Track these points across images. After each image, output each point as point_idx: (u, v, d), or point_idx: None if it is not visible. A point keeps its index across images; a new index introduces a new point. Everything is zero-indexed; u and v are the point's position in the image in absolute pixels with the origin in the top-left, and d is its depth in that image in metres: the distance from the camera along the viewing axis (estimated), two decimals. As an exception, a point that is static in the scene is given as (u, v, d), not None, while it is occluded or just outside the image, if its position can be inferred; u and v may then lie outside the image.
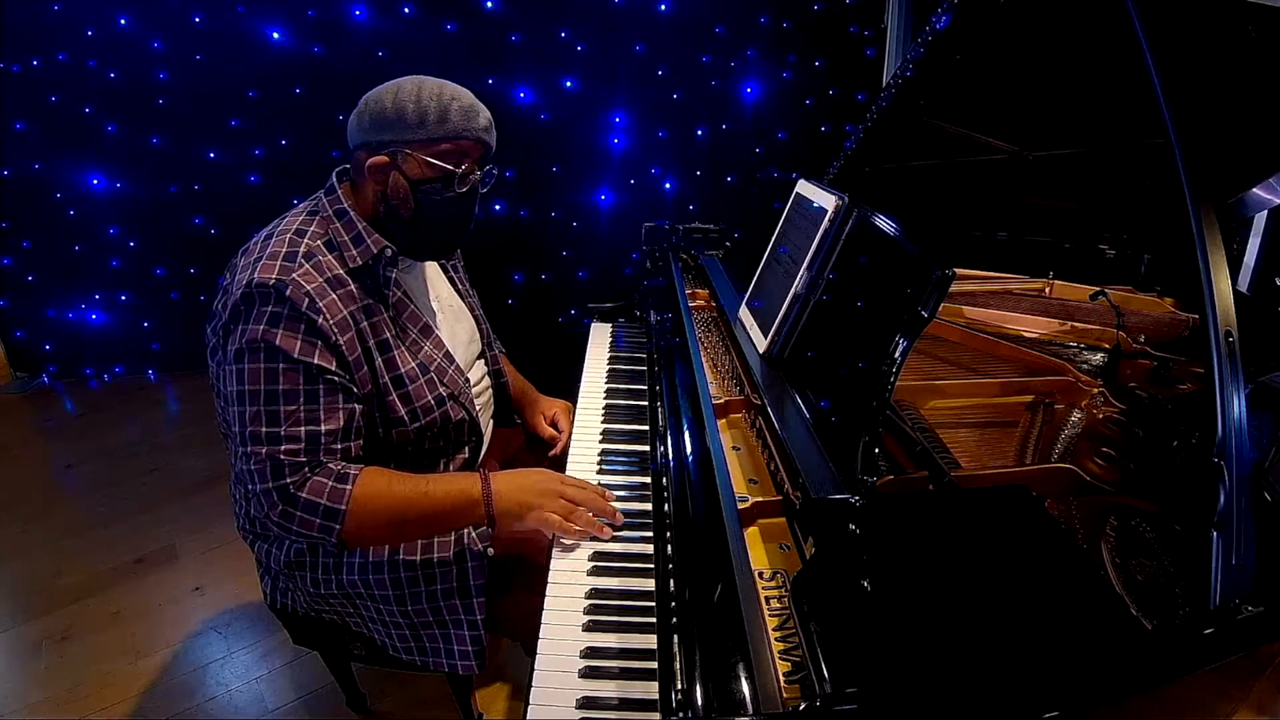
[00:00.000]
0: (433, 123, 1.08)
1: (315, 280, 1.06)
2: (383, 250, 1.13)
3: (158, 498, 2.43)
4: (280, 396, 1.04)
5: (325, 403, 1.07)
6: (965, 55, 1.35)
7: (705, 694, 0.72)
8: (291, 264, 1.06)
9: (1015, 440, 1.15)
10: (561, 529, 1.08)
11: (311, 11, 2.72)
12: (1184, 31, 0.98)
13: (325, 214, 1.14)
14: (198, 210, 2.99)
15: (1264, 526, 0.80)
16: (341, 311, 1.08)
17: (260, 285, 1.03)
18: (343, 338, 1.07)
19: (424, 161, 1.10)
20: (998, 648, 0.67)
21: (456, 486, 1.13)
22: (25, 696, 1.72)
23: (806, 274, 1.18)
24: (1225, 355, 0.83)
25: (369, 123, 1.10)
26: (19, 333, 3.12)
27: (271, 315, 1.03)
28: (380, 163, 1.10)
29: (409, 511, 1.10)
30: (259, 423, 1.04)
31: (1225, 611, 0.74)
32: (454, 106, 1.09)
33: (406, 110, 1.08)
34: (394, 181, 1.11)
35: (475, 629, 1.16)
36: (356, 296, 1.11)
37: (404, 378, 1.15)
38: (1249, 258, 1.85)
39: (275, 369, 1.04)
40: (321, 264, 1.08)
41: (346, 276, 1.10)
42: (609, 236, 3.14)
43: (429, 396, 1.18)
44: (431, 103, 1.08)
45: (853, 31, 2.96)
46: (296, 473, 1.05)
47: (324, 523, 1.06)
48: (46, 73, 2.73)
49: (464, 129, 1.10)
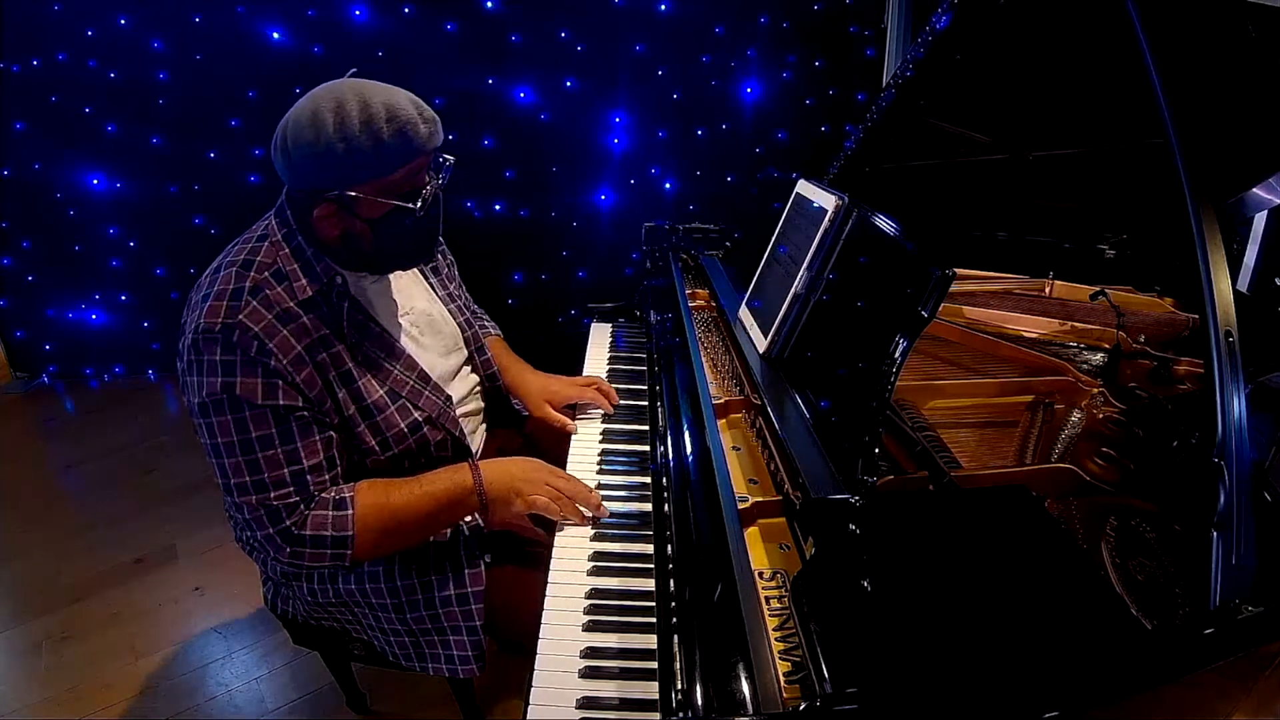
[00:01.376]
0: (370, 158, 0.98)
1: (263, 318, 1.00)
2: (332, 279, 1.07)
3: (158, 498, 2.43)
4: (255, 444, 1.00)
5: (302, 441, 1.03)
6: (965, 55, 1.35)
7: (705, 694, 0.72)
8: (237, 303, 0.99)
9: (1015, 440, 1.15)
10: (547, 511, 1.11)
11: (311, 11, 2.71)
12: (1184, 31, 0.98)
13: (275, 238, 1.07)
14: (198, 210, 2.99)
15: (1264, 526, 0.80)
16: (295, 348, 1.02)
17: (206, 331, 0.98)
18: (299, 375, 1.02)
19: (374, 201, 1.02)
20: (998, 648, 0.67)
21: (451, 481, 1.12)
22: (25, 696, 1.72)
23: (806, 274, 1.18)
24: (1225, 355, 0.83)
25: (299, 163, 0.99)
26: (19, 333, 3.12)
27: (224, 364, 0.98)
28: (327, 212, 1.02)
29: (411, 515, 1.10)
30: (242, 474, 1.01)
31: (1225, 611, 0.74)
32: (386, 131, 0.97)
33: (335, 148, 0.96)
34: (347, 225, 1.04)
35: (475, 634, 1.16)
36: (310, 329, 1.04)
37: (371, 408, 1.10)
38: (1249, 258, 1.85)
39: (243, 418, 0.99)
40: (269, 298, 1.01)
41: (297, 309, 1.03)
42: (609, 236, 3.14)
43: (402, 424, 1.14)
44: (360, 134, 0.96)
45: (853, 31, 2.96)
46: (293, 513, 1.03)
47: (335, 551, 1.05)
48: (46, 73, 2.73)
49: (407, 151, 1.00)
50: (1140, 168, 1.36)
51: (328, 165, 0.98)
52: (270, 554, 1.05)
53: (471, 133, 2.89)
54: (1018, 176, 1.57)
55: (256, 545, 1.08)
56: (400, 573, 1.15)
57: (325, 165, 0.98)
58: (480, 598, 1.16)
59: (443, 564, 1.16)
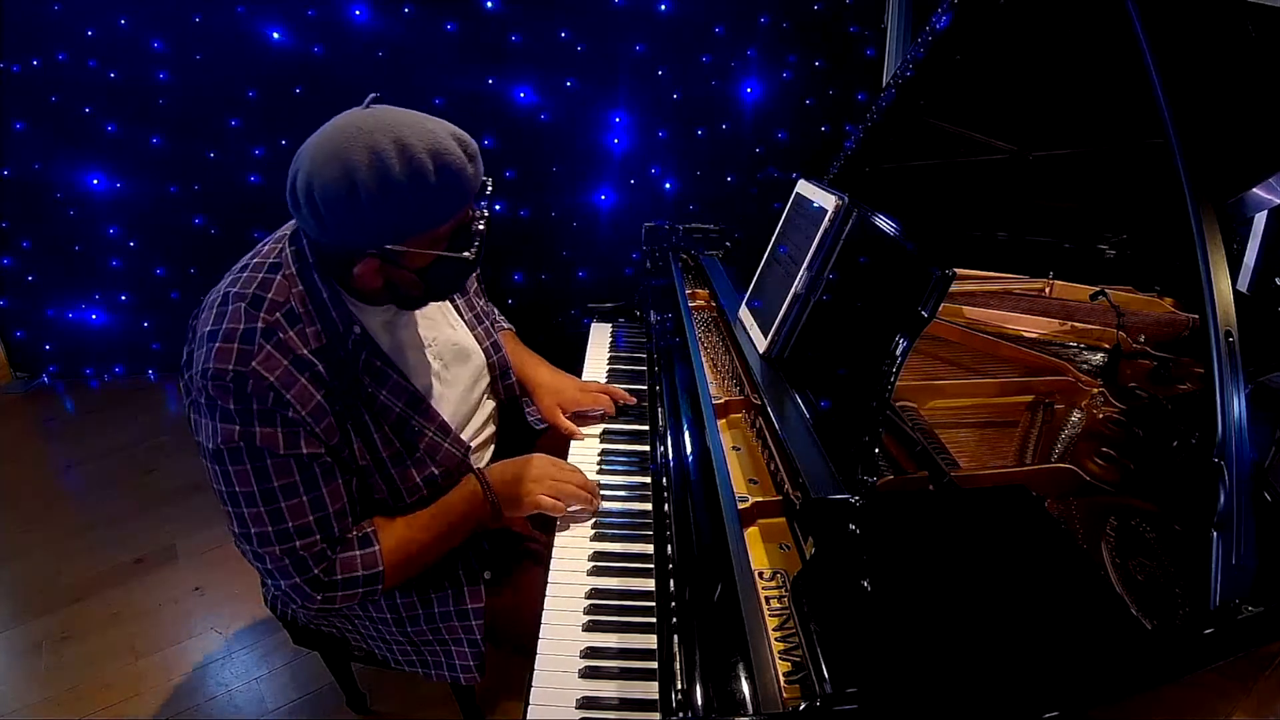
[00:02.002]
0: (415, 210, 0.89)
1: (278, 365, 0.92)
2: (349, 328, 1.00)
3: (158, 498, 2.43)
4: (279, 494, 0.95)
5: (327, 488, 0.98)
6: (965, 55, 1.35)
7: (705, 694, 0.72)
8: (250, 347, 0.92)
9: (1015, 440, 1.15)
10: (553, 510, 1.11)
11: (311, 11, 2.71)
12: (1184, 31, 0.98)
13: (288, 271, 0.98)
14: (198, 210, 2.99)
15: (1264, 526, 0.80)
16: (314, 397, 0.95)
17: (217, 377, 0.90)
18: (320, 425, 0.96)
19: (425, 249, 0.94)
20: (998, 648, 0.67)
21: (463, 498, 1.12)
22: (25, 696, 1.72)
23: (806, 274, 1.18)
24: (1225, 355, 0.83)
25: (334, 224, 0.89)
26: (19, 333, 3.12)
27: (240, 413, 0.91)
28: (370, 269, 0.94)
29: (432, 538, 1.08)
30: (264, 524, 0.96)
31: (1225, 611, 0.74)
32: (433, 180, 0.88)
33: (381, 208, 0.87)
34: (393, 276, 0.97)
35: (475, 645, 1.15)
36: (325, 377, 0.97)
37: (386, 462, 1.05)
38: (1249, 258, 1.85)
39: (264, 466, 0.93)
40: (284, 343, 0.94)
41: (311, 357, 0.95)
42: (609, 236, 3.14)
43: (418, 478, 1.09)
44: (405, 185, 0.87)
45: (853, 31, 2.96)
46: (322, 561, 0.99)
47: (367, 589, 1.03)
48: (46, 73, 2.73)
49: (456, 200, 0.93)
50: (1140, 168, 1.36)
51: (368, 223, 0.89)
52: (299, 603, 1.01)
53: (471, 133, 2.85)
54: (1018, 176, 1.57)
55: (280, 594, 1.04)
56: (400, 590, 1.13)
57: (365, 224, 0.89)
58: (480, 614, 1.15)
59: (442, 582, 1.15)
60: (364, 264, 0.94)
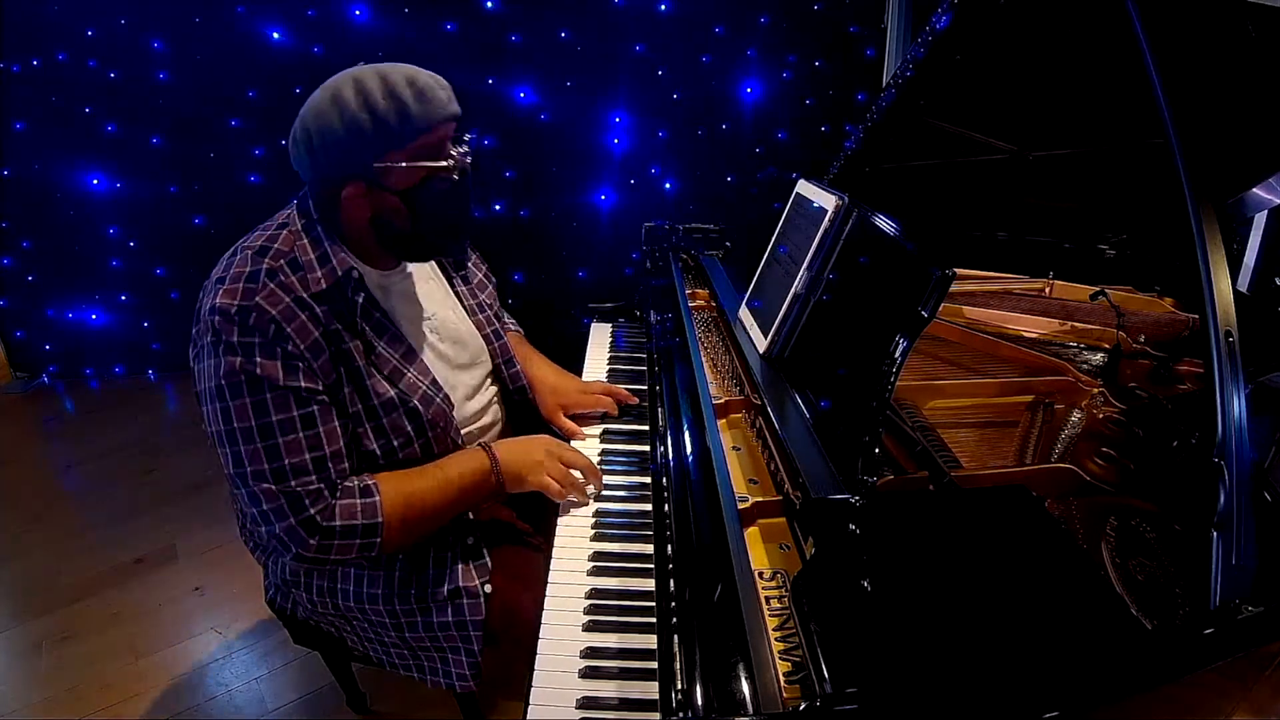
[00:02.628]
0: (396, 125, 0.97)
1: (280, 301, 0.98)
2: (348, 272, 1.04)
3: (158, 498, 2.43)
4: (276, 428, 0.97)
5: (324, 426, 1.01)
6: (965, 55, 1.35)
7: (705, 694, 0.72)
8: (255, 285, 0.98)
9: (1015, 440, 1.15)
10: (558, 495, 1.14)
11: (311, 11, 2.71)
12: (1184, 31, 0.98)
13: (294, 227, 1.05)
14: (198, 210, 2.99)
15: (1264, 526, 0.80)
16: (313, 334, 1.00)
17: (223, 311, 0.96)
18: (317, 361, 1.00)
19: (405, 169, 1.00)
20: (998, 648, 0.67)
21: (469, 466, 1.13)
22: (25, 696, 1.72)
23: (806, 274, 1.18)
24: (1225, 355, 0.83)
25: (324, 153, 0.99)
26: (19, 333, 3.12)
27: (243, 345, 0.96)
28: (357, 192, 1.01)
29: (434, 501, 1.09)
30: (260, 460, 0.97)
31: (1225, 611, 0.74)
32: (409, 96, 0.98)
33: (361, 125, 0.96)
34: (379, 202, 1.03)
35: (473, 656, 1.15)
36: (323, 320, 1.02)
37: (378, 409, 1.07)
38: (1249, 258, 1.85)
39: (264, 400, 0.97)
40: (286, 284, 1.00)
41: (311, 300, 1.01)
42: (609, 236, 3.14)
43: (408, 427, 1.10)
44: (384, 103, 0.96)
45: (853, 31, 2.96)
46: (318, 501, 1.00)
47: (364, 541, 1.03)
48: (46, 73, 2.73)
49: (432, 116, 1.00)
50: (1140, 168, 1.36)
51: (355, 142, 0.97)
52: (293, 549, 1.01)
53: (471, 133, 2.88)
54: (1018, 176, 1.57)
55: (276, 541, 1.02)
56: (399, 597, 1.13)
57: (353, 143, 0.98)
58: (479, 625, 1.14)
59: (441, 590, 1.14)
60: (351, 187, 1.00)
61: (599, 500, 1.18)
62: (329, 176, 1.02)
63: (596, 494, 1.17)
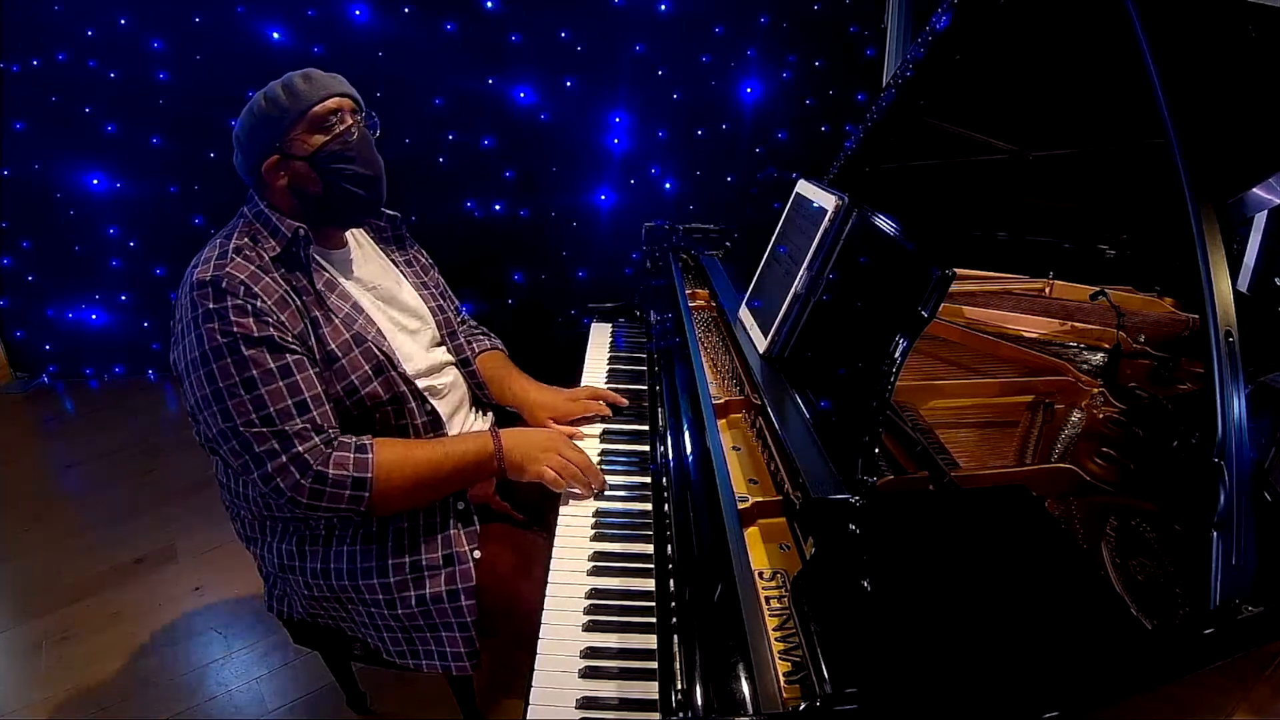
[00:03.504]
0: (288, 104, 1.15)
1: (247, 269, 1.10)
2: (295, 231, 1.16)
3: (158, 498, 2.43)
4: (258, 381, 1.07)
5: (300, 374, 1.10)
6: (965, 55, 1.35)
7: (705, 694, 0.72)
8: (224, 260, 1.10)
9: (1015, 440, 1.15)
10: (554, 484, 1.18)
11: (311, 11, 2.72)
12: (1184, 31, 0.98)
13: (247, 218, 1.19)
14: (198, 210, 2.99)
15: (1264, 526, 0.80)
16: (277, 291, 1.12)
17: (199, 284, 1.08)
18: (283, 314, 1.11)
19: (304, 136, 1.16)
20: (998, 648, 0.67)
21: (473, 445, 1.20)
22: (25, 696, 1.72)
23: (806, 274, 1.18)
24: (1225, 355, 0.83)
25: (247, 140, 1.17)
26: (19, 333, 3.13)
27: (218, 311, 1.06)
28: (272, 163, 1.17)
29: (430, 471, 1.15)
30: (247, 410, 1.06)
31: (1225, 611, 0.74)
32: (298, 83, 1.16)
33: (264, 109, 1.15)
34: (292, 169, 1.18)
35: (466, 630, 1.17)
36: (284, 279, 1.15)
37: (335, 352, 1.17)
38: (1249, 258, 1.85)
39: (243, 358, 1.06)
40: (249, 255, 1.13)
41: (270, 264, 1.14)
42: (609, 236, 3.14)
43: (366, 366, 1.19)
44: (279, 92, 1.15)
45: (853, 31, 2.96)
46: (306, 440, 1.08)
47: (353, 493, 1.09)
48: (46, 73, 2.73)
49: (318, 92, 1.16)
50: (1140, 168, 1.36)
51: (262, 125, 1.16)
52: (286, 491, 1.07)
53: (472, 132, 2.89)
54: (1018, 176, 1.57)
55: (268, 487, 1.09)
56: (394, 568, 1.17)
57: (261, 127, 1.16)
58: (471, 594, 1.17)
59: (434, 559, 1.18)
60: (268, 162, 1.17)
61: (599, 500, 1.18)
62: (255, 163, 1.18)
63: (598, 491, 1.19)
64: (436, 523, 1.21)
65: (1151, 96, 0.92)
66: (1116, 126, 1.35)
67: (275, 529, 1.23)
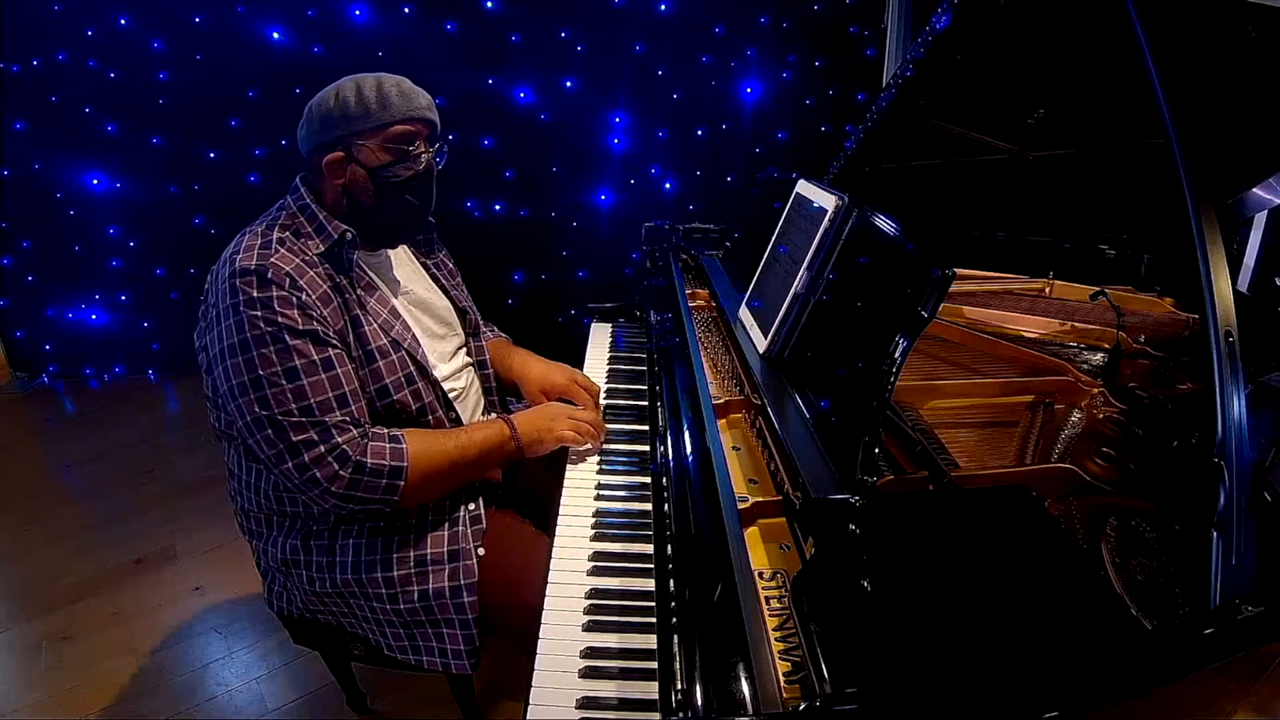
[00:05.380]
0: (375, 110, 1.14)
1: (292, 260, 1.10)
2: (343, 234, 1.16)
3: (158, 498, 2.43)
4: (300, 372, 1.07)
5: (341, 368, 1.11)
6: (965, 55, 1.35)
7: (705, 694, 0.72)
8: (268, 250, 1.10)
9: (1015, 440, 1.15)
10: (574, 442, 1.27)
11: (311, 11, 2.71)
12: (1184, 31, 0.98)
13: (290, 210, 1.19)
14: (198, 210, 2.99)
15: (1264, 526, 0.80)
16: (321, 286, 1.12)
17: (243, 272, 1.07)
18: (326, 310, 1.12)
19: (377, 148, 1.15)
20: (998, 648, 0.67)
21: (490, 432, 1.23)
22: (25, 696, 1.72)
23: (806, 274, 1.18)
24: (1225, 355, 0.83)
25: (318, 125, 1.16)
26: (19, 333, 3.12)
27: (262, 300, 1.06)
28: (336, 159, 1.16)
29: (457, 459, 1.18)
30: (288, 400, 1.06)
31: (1225, 611, 0.74)
32: (393, 92, 1.15)
33: (349, 105, 1.13)
34: (352, 173, 1.17)
35: (467, 628, 1.17)
36: (327, 276, 1.15)
37: (375, 353, 1.18)
38: (1249, 258, 1.85)
39: (286, 347, 1.06)
40: (293, 248, 1.13)
41: (315, 259, 1.15)
42: (609, 236, 3.14)
43: (400, 373, 1.21)
44: (371, 93, 1.14)
45: (853, 31, 2.96)
46: (345, 432, 1.09)
47: (389, 482, 1.11)
48: (46, 73, 2.73)
49: (407, 110, 1.15)
50: (1140, 168, 1.36)
51: (341, 117, 1.14)
52: (322, 481, 1.07)
53: (472, 132, 2.89)
54: (1018, 176, 1.57)
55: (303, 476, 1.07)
56: (397, 562, 1.17)
57: (340, 118, 1.14)
58: (473, 590, 1.17)
59: (439, 554, 1.19)
60: (333, 154, 1.15)
61: (599, 500, 1.18)
62: (320, 145, 1.17)
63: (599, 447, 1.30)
64: (444, 519, 1.22)
65: (1151, 96, 0.92)
66: (1116, 126, 1.35)
67: (283, 524, 1.23)
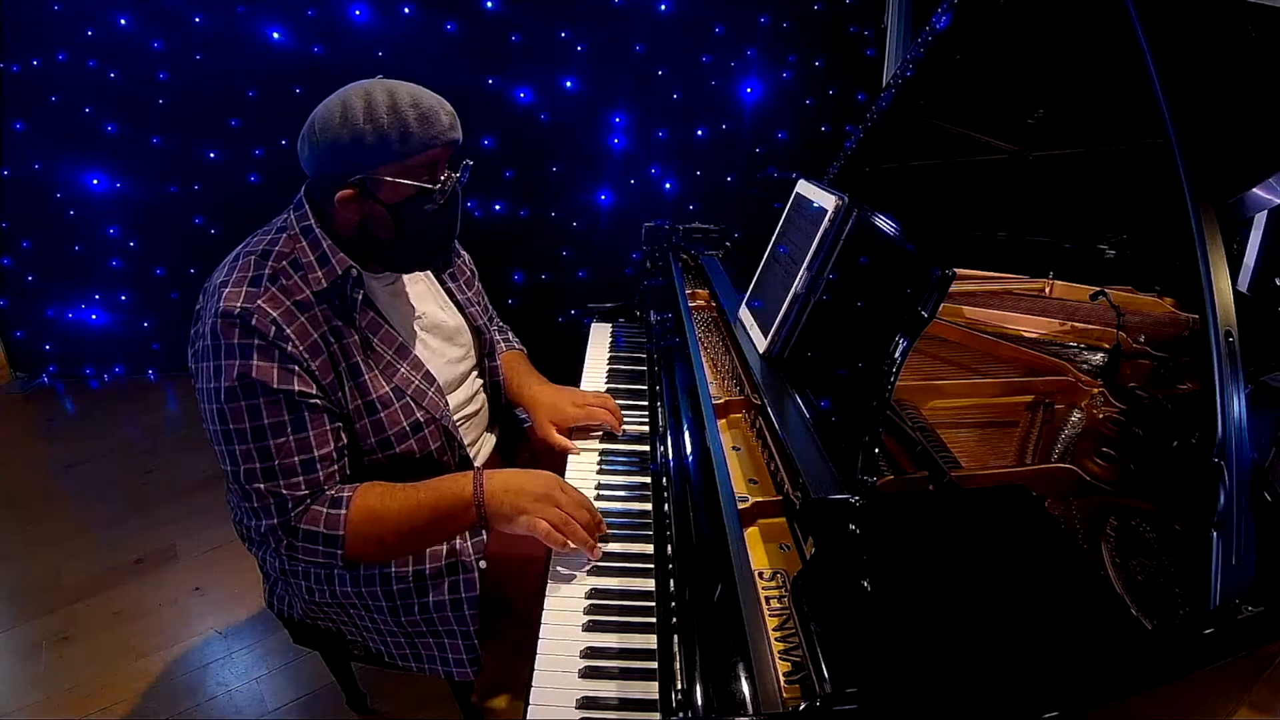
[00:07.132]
0: (395, 141, 1.01)
1: (281, 304, 1.02)
2: (347, 271, 1.08)
3: (158, 498, 2.43)
4: (268, 431, 1.01)
5: (314, 430, 1.04)
6: (965, 55, 1.35)
7: (705, 694, 0.72)
8: (256, 289, 1.02)
9: (1015, 440, 1.15)
10: (549, 538, 1.03)
11: (311, 11, 2.71)
12: (1184, 31, 0.98)
13: (293, 231, 1.09)
14: (198, 210, 2.99)
15: (1264, 526, 0.80)
16: (311, 335, 1.04)
17: (226, 314, 1.00)
18: (314, 362, 1.04)
19: (396, 184, 1.04)
20: (998, 648, 0.67)
21: (450, 491, 1.10)
22: (25, 696, 1.72)
23: (806, 274, 1.18)
24: (1225, 355, 0.83)
25: (326, 153, 1.03)
26: (19, 333, 3.12)
27: (242, 348, 1.00)
28: (349, 195, 1.04)
29: (404, 525, 1.08)
30: (252, 460, 1.02)
31: (1225, 611, 0.74)
32: (411, 116, 1.02)
33: (363, 134, 1.00)
34: (369, 210, 1.07)
35: (469, 639, 1.15)
36: (323, 319, 1.06)
37: (376, 404, 1.11)
38: (1249, 258, 1.85)
39: (257, 405, 1.01)
40: (287, 287, 1.04)
41: (313, 299, 1.05)
42: (609, 236, 3.14)
43: (404, 423, 1.14)
44: (387, 118, 1.01)
45: (853, 31, 2.96)
46: (299, 505, 1.04)
47: (326, 549, 1.06)
48: (46, 73, 2.73)
49: (429, 138, 1.03)
50: (1140, 168, 1.36)
51: (355, 150, 1.02)
52: (271, 545, 1.07)
53: (471, 133, 2.88)
54: (1018, 176, 1.57)
55: (257, 538, 1.09)
56: (396, 577, 1.14)
57: (353, 150, 1.02)
58: (474, 603, 1.14)
59: (438, 567, 1.14)
60: (345, 191, 1.04)
61: (599, 499, 1.17)
62: (328, 175, 1.06)
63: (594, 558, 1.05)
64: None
65: (1151, 96, 0.92)
66: (1116, 127, 1.35)
67: None
